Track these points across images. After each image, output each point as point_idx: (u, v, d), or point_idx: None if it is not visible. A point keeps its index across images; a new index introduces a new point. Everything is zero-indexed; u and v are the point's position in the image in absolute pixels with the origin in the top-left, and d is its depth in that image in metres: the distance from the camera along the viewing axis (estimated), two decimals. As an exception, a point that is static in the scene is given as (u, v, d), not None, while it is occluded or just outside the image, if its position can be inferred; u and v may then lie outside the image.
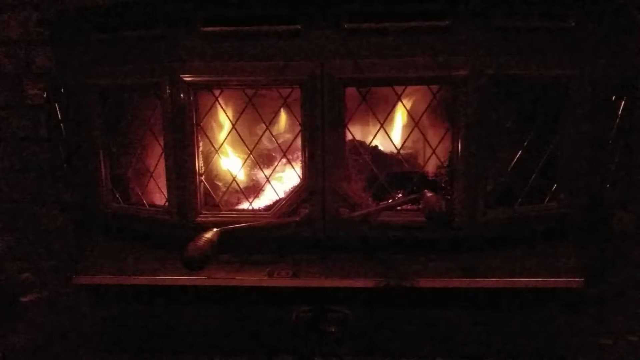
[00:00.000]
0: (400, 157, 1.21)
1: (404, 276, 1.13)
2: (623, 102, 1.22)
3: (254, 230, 1.14)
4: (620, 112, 1.22)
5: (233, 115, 1.20)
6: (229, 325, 1.23)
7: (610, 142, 1.24)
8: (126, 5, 1.12)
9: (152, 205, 1.29)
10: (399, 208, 1.16)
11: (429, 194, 1.04)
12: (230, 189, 1.25)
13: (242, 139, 1.20)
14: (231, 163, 1.31)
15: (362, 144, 1.24)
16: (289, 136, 1.27)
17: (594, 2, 1.11)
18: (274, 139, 1.22)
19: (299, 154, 1.18)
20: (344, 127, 1.12)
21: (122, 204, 1.29)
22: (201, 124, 1.17)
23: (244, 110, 1.17)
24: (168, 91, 1.13)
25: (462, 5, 1.05)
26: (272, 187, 1.22)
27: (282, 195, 1.22)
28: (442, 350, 1.20)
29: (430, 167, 1.26)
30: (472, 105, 1.08)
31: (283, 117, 1.28)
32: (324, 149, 1.12)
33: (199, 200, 1.18)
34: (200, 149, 1.18)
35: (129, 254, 1.26)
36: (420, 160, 1.33)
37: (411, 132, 1.19)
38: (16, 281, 1.65)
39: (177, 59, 1.12)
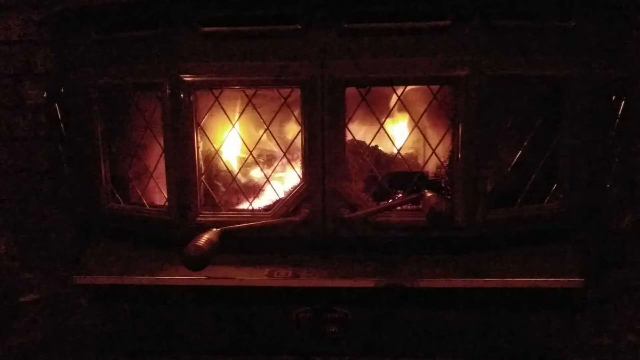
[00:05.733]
0: (400, 157, 1.21)
1: (404, 276, 1.13)
2: (623, 102, 1.22)
3: (254, 230, 1.14)
4: (620, 112, 1.22)
5: (233, 116, 1.20)
6: (229, 325, 1.23)
7: (610, 142, 1.24)
8: (126, 5, 1.12)
9: (152, 205, 1.29)
10: (399, 208, 1.16)
11: (429, 194, 1.04)
12: (230, 189, 1.25)
13: (242, 139, 1.20)
14: (231, 163, 1.31)
15: (362, 144, 1.24)
16: (289, 136, 1.27)
17: (594, 2, 1.11)
18: (274, 139, 1.22)
19: (299, 154, 1.18)
20: (344, 127, 1.12)
21: (122, 204, 1.29)
22: (201, 124, 1.17)
23: (244, 110, 1.17)
24: (168, 91, 1.13)
25: (462, 5, 1.05)
26: (272, 187, 1.22)
27: (282, 195, 1.22)
28: (442, 350, 1.20)
29: (430, 167, 1.26)
30: (472, 105, 1.08)
31: (285, 118, 1.28)
32: (324, 149, 1.12)
33: (199, 200, 1.18)
34: (200, 149, 1.18)
35: (129, 254, 1.26)
36: (420, 160, 1.33)
37: (411, 132, 1.19)
38: (16, 281, 1.65)
39: (177, 59, 1.12)
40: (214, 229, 1.05)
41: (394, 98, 1.15)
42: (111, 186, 1.29)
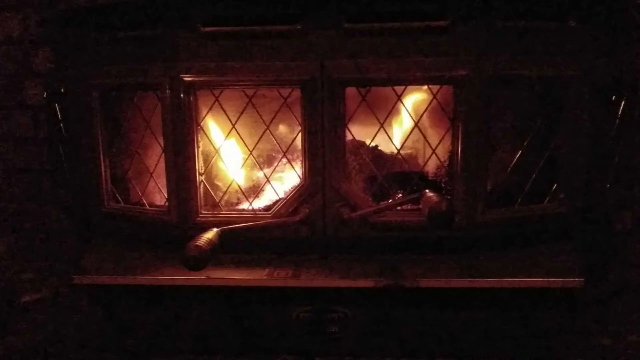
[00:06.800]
0: (400, 157, 1.21)
1: (404, 276, 1.13)
2: (623, 102, 1.22)
3: (254, 230, 1.14)
4: (620, 112, 1.22)
5: (233, 115, 1.20)
6: (229, 325, 1.23)
7: (610, 142, 1.24)
8: (126, 5, 1.12)
9: (152, 205, 1.29)
10: (399, 208, 1.16)
11: (429, 194, 1.04)
12: (230, 189, 1.25)
13: (242, 139, 1.20)
14: (231, 163, 1.31)
15: (362, 144, 1.24)
16: (289, 136, 1.27)
17: (594, 2, 1.11)
18: (274, 139, 1.22)
19: (299, 153, 1.18)
20: (344, 127, 1.12)
21: (122, 204, 1.29)
22: (201, 124, 1.17)
23: (244, 110, 1.17)
24: (168, 91, 1.13)
25: (462, 5, 1.05)
26: (272, 187, 1.22)
27: (282, 195, 1.22)
28: (442, 350, 1.20)
29: (430, 167, 1.26)
30: (472, 105, 1.08)
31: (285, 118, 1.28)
32: (324, 149, 1.12)
33: (199, 200, 1.18)
34: (200, 149, 1.18)
35: (129, 254, 1.26)
36: (420, 160, 1.33)
37: (411, 132, 1.19)
38: (16, 281, 1.65)
39: (177, 59, 1.12)
40: (214, 229, 1.05)
41: (394, 98, 1.15)
42: (111, 186, 1.29)
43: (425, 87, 1.15)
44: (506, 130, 1.19)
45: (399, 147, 1.20)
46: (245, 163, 1.27)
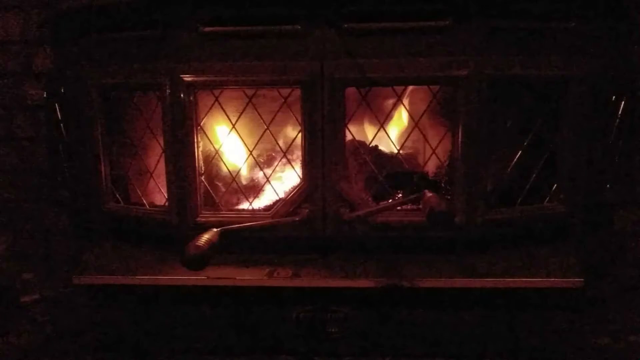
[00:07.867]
0: (400, 157, 1.21)
1: (404, 276, 1.13)
2: (623, 102, 1.22)
3: (254, 230, 1.14)
4: (620, 112, 1.22)
5: (233, 115, 1.20)
6: (229, 325, 1.23)
7: (610, 142, 1.24)
8: (126, 5, 1.12)
9: (152, 205, 1.29)
10: (399, 208, 1.16)
11: (429, 194, 1.04)
12: (230, 189, 1.25)
13: (242, 139, 1.20)
14: (231, 163, 1.31)
15: (362, 144, 1.24)
16: (289, 136, 1.27)
17: (594, 2, 1.11)
18: (274, 139, 1.22)
19: (299, 154, 1.18)
20: (344, 127, 1.12)
21: (122, 204, 1.29)
22: (201, 124, 1.17)
23: (244, 110, 1.17)
24: (168, 91, 1.13)
25: (462, 5, 1.05)
26: (272, 187, 1.22)
27: (282, 195, 1.22)
28: (442, 350, 1.20)
29: (430, 167, 1.26)
30: (472, 105, 1.08)
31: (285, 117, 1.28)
32: (324, 149, 1.12)
33: (199, 200, 1.18)
34: (200, 149, 1.18)
35: (129, 254, 1.26)
36: (420, 160, 1.33)
37: (411, 132, 1.19)
38: (16, 281, 1.65)
39: (177, 59, 1.12)
40: (214, 229, 1.05)
41: (394, 98, 1.15)
42: (111, 186, 1.29)
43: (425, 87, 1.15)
44: (506, 130, 1.19)
45: (399, 147, 1.20)
46: (245, 163, 1.27)
